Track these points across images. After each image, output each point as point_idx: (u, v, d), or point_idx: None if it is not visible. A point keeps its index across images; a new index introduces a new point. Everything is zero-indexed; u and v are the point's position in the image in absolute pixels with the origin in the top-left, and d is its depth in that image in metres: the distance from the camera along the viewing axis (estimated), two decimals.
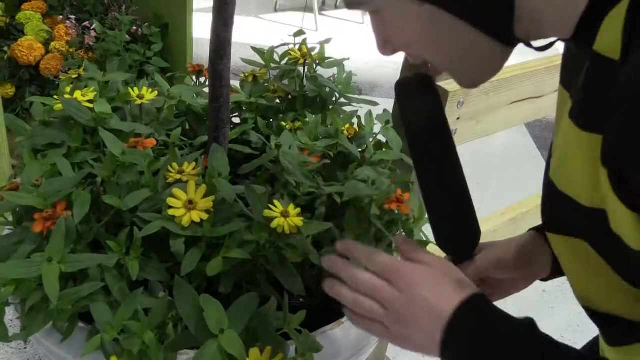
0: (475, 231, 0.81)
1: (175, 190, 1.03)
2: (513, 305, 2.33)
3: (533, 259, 0.87)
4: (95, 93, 1.25)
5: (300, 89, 1.48)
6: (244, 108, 1.46)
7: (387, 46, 0.69)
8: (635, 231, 0.53)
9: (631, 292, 0.62)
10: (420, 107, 0.76)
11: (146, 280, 1.02)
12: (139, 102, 1.30)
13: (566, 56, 0.71)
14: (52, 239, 0.95)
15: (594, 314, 0.71)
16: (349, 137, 1.36)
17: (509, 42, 0.62)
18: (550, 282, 2.75)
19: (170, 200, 1.02)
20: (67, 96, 1.22)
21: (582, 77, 0.58)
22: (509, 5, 0.57)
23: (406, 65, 1.39)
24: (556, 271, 0.87)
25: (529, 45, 0.65)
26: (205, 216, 1.01)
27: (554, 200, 0.66)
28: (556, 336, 0.67)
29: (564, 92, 0.68)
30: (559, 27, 0.59)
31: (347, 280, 0.74)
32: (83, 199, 1.02)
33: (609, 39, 0.52)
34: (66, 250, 0.96)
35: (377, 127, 1.43)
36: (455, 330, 0.66)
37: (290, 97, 1.50)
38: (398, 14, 0.63)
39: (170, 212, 1.01)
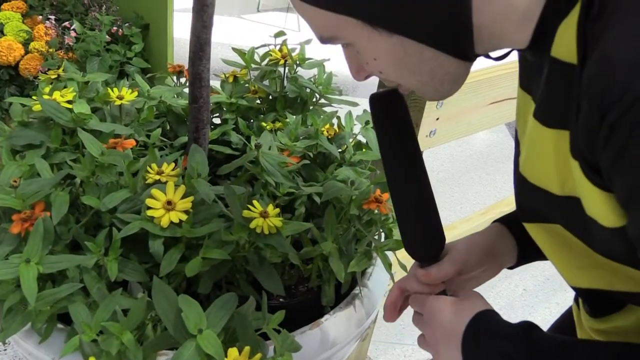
0: (440, 238, 0.86)
1: (154, 191, 1.03)
2: (494, 303, 2.35)
3: (498, 252, 0.91)
4: (75, 93, 1.25)
5: (281, 90, 1.48)
6: (224, 108, 1.46)
7: (360, 73, 0.75)
8: (608, 210, 0.58)
9: (609, 265, 0.67)
10: (389, 120, 0.83)
11: (125, 281, 1.02)
12: (118, 102, 1.29)
13: (522, 63, 0.77)
14: (30, 240, 0.94)
15: (580, 291, 0.77)
16: (329, 137, 1.37)
17: (471, 59, 0.68)
18: (530, 282, 2.76)
19: (149, 201, 1.02)
20: (46, 97, 1.21)
21: (543, 80, 0.63)
22: (467, 30, 0.63)
23: None
24: (522, 259, 0.92)
25: (487, 56, 0.71)
26: (184, 217, 1.02)
27: (528, 193, 0.71)
28: None
29: (525, 95, 0.74)
30: (516, 40, 0.65)
31: None
32: (61, 200, 1.02)
33: (565, 46, 0.58)
34: (44, 251, 0.95)
35: (357, 128, 1.44)
36: (470, 346, 0.74)
37: (270, 97, 1.50)
38: (370, 46, 0.67)
39: (149, 212, 1.01)
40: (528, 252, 0.90)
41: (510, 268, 0.95)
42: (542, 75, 0.64)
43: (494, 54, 0.71)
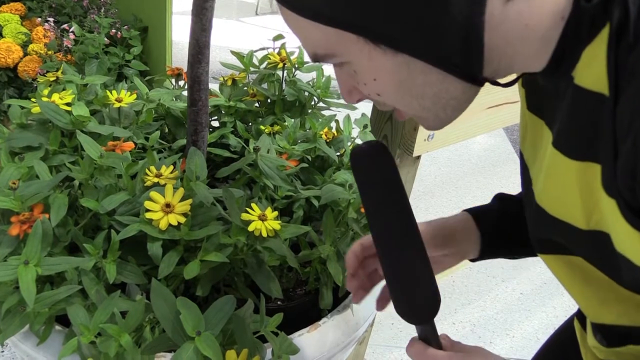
0: (433, 299, 0.76)
1: (153, 194, 1.03)
2: (491, 307, 2.35)
3: (460, 240, 0.89)
4: (74, 96, 1.25)
5: (279, 93, 1.49)
6: (222, 112, 1.47)
7: (353, 94, 0.68)
8: None
9: (633, 299, 0.64)
10: (374, 177, 0.75)
11: (123, 283, 1.03)
12: (117, 105, 1.30)
13: (529, 86, 0.72)
14: (28, 242, 0.95)
15: (601, 327, 0.73)
16: (327, 140, 1.37)
17: (479, 83, 0.63)
18: (527, 286, 2.75)
19: (148, 204, 1.02)
20: (44, 99, 1.22)
21: (566, 109, 0.59)
22: (478, 49, 0.58)
23: None
24: (485, 253, 0.90)
25: (495, 83, 0.66)
26: (182, 219, 1.02)
27: (547, 226, 0.67)
28: (533, 339, 0.68)
29: (535, 120, 0.70)
30: (529, 63, 0.60)
31: None
32: (60, 202, 1.02)
33: (592, 74, 0.54)
34: (43, 253, 0.96)
35: (355, 131, 1.44)
36: None
37: (269, 100, 1.50)
38: (371, 65, 0.61)
39: (148, 215, 1.01)
40: (492, 247, 0.89)
41: (473, 260, 0.92)
42: (560, 102, 0.60)
43: (502, 80, 0.66)
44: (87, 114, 1.22)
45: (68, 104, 1.22)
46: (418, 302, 0.76)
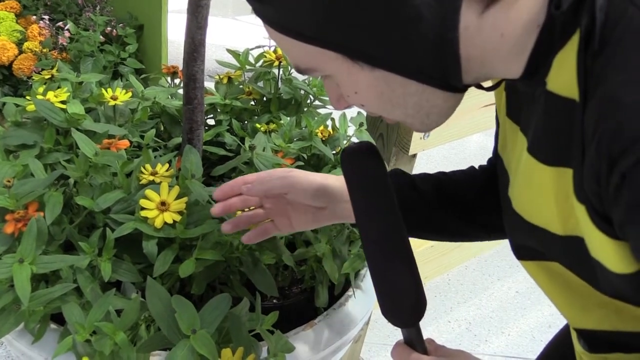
0: (418, 303, 0.76)
1: (148, 192, 1.03)
2: (487, 306, 2.36)
3: (339, 199, 0.90)
4: (69, 94, 1.25)
5: (275, 91, 1.48)
6: (218, 110, 1.46)
7: (341, 103, 0.70)
8: (616, 257, 0.55)
9: (613, 304, 0.64)
10: (363, 179, 0.77)
11: (119, 281, 1.02)
12: (112, 103, 1.29)
13: (509, 91, 0.73)
14: (23, 240, 0.94)
15: (582, 332, 0.73)
16: (323, 139, 1.37)
17: (460, 90, 0.64)
18: (523, 285, 2.76)
19: (143, 202, 1.02)
20: (39, 97, 1.21)
21: (540, 115, 0.60)
22: (455, 61, 0.59)
23: None
24: None
25: (479, 86, 0.67)
26: (178, 217, 1.02)
27: (524, 232, 0.68)
28: (528, 337, 0.68)
29: (513, 126, 0.71)
30: (507, 70, 0.61)
31: None
32: (55, 200, 1.02)
33: (564, 79, 0.55)
34: (38, 251, 0.95)
35: (351, 129, 1.44)
36: None
37: (264, 99, 1.50)
38: (350, 80, 0.63)
39: (143, 213, 1.01)
40: None
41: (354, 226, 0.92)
42: (535, 108, 0.61)
43: (485, 84, 0.67)
44: (82, 112, 1.22)
45: (63, 102, 1.21)
46: (404, 306, 0.75)
